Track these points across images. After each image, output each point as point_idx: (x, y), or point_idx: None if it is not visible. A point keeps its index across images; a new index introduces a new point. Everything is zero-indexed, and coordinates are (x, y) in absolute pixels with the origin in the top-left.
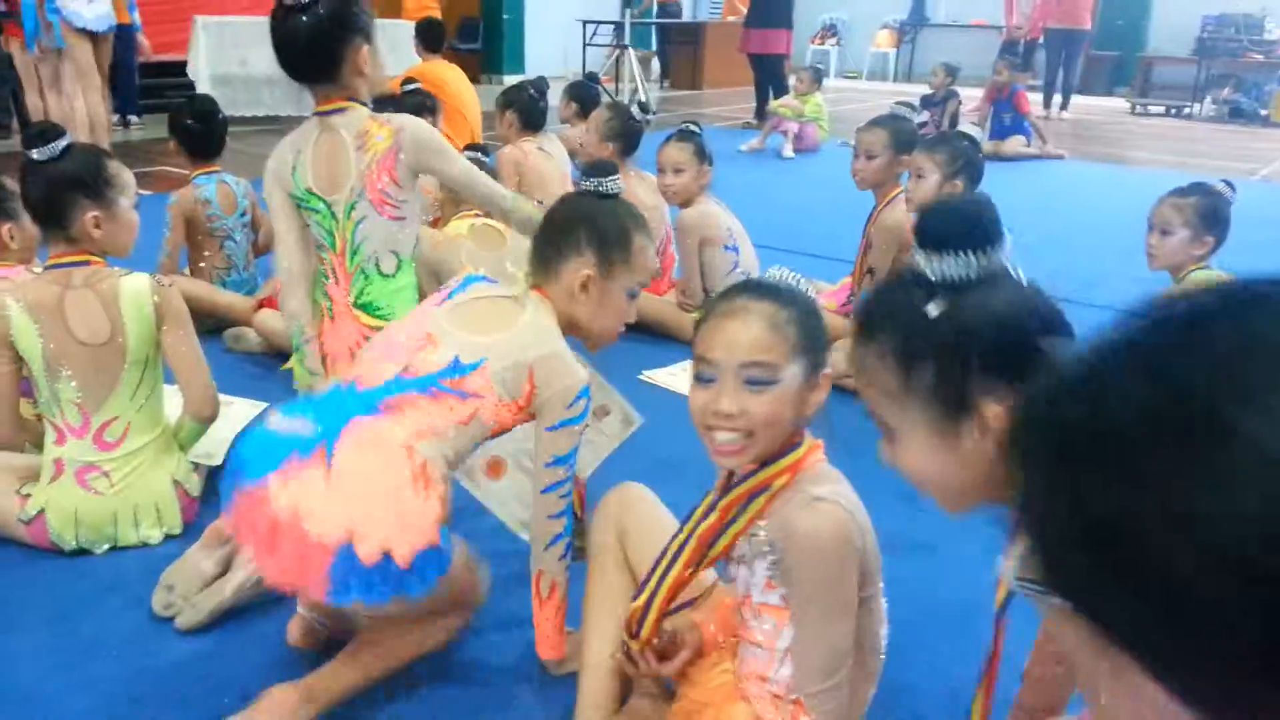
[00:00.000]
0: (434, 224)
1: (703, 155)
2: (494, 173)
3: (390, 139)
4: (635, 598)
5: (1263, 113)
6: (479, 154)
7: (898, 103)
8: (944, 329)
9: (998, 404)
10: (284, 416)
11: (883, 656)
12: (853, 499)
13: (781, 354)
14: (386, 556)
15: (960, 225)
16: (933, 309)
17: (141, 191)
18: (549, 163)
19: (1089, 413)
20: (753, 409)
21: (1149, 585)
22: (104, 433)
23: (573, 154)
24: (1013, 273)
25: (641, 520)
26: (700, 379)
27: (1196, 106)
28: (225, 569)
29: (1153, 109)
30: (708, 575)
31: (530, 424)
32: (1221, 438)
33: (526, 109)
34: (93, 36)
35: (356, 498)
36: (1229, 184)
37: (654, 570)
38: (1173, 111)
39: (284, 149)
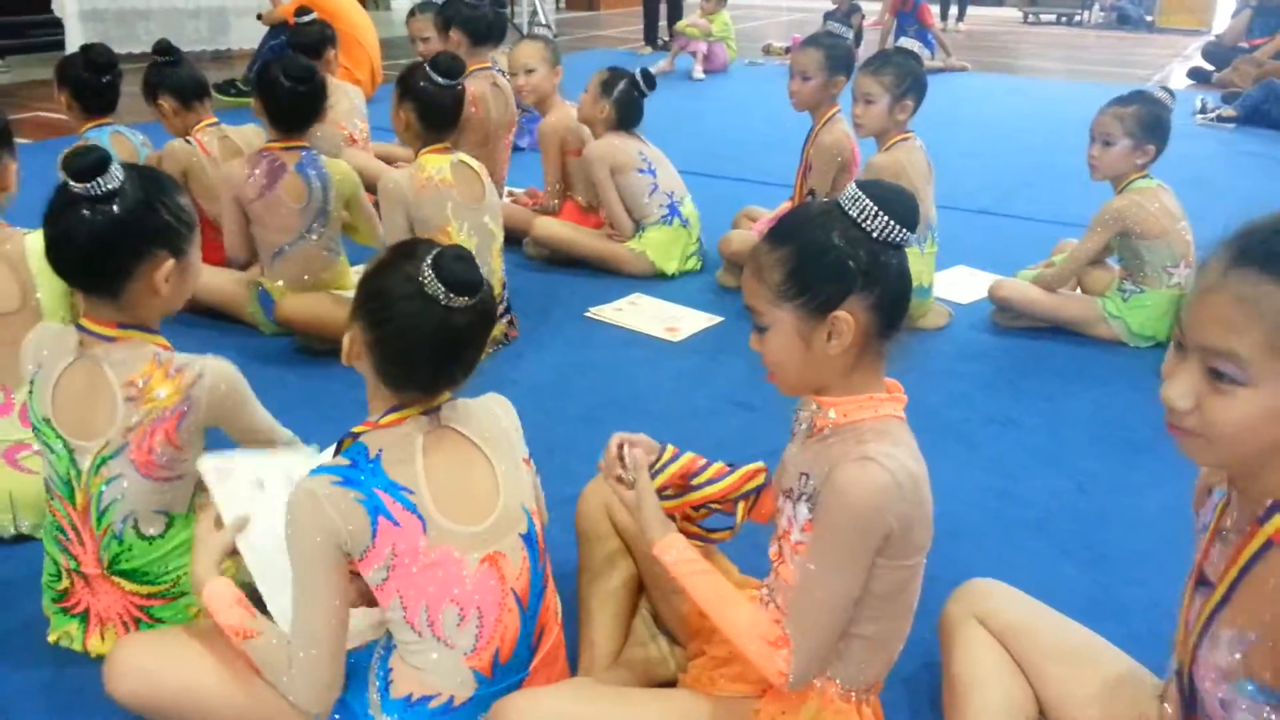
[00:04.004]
0: (351, 141)
1: (609, 90)
2: None
3: (177, 397)
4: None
5: (1148, 19)
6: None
7: (826, 19)
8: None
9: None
10: None
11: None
12: (908, 467)
13: (764, 299)
14: None
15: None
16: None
17: (17, 140)
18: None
19: None
20: (762, 350)
21: None
22: None
23: None
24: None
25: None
26: None
27: (1085, 14)
28: None
29: (1044, 17)
30: None
31: None
32: None
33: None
34: None
35: None
36: (1169, 91)
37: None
38: (1063, 19)
39: (30, 342)
